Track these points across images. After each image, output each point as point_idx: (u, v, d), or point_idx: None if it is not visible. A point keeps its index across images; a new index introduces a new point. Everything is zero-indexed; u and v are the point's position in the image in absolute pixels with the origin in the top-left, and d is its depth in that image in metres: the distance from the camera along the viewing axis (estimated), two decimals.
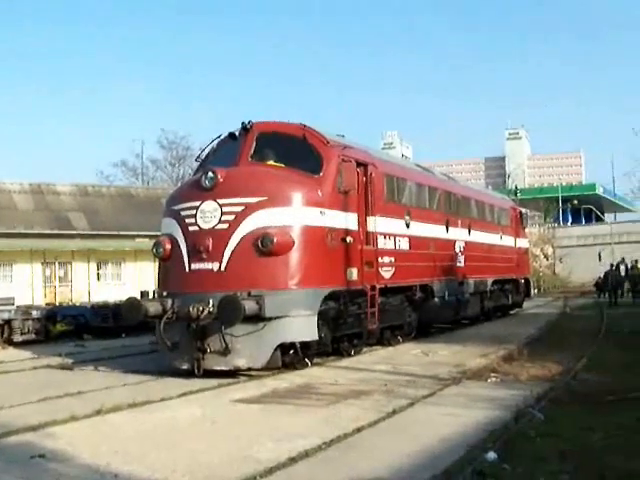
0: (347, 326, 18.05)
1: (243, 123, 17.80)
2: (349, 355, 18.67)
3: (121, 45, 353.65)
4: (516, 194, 66.15)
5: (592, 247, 64.25)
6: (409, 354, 19.43)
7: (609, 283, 43.25)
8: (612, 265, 44.77)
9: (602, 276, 45.29)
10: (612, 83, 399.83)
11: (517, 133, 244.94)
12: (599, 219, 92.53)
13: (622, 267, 47.63)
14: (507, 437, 9.59)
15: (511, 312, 34.31)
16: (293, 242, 15.96)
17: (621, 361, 16.78)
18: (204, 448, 9.55)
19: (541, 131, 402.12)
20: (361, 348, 19.39)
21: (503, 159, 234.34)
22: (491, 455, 8.54)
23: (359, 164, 18.47)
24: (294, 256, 16.03)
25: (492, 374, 15.39)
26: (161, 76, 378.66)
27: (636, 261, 45.14)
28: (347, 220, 17.62)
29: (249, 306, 14.89)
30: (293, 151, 17.65)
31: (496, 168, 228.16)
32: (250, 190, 16.17)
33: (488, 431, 10.03)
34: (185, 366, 15.73)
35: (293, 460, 8.71)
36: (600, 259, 48.58)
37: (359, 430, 10.37)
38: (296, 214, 16.27)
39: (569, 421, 10.56)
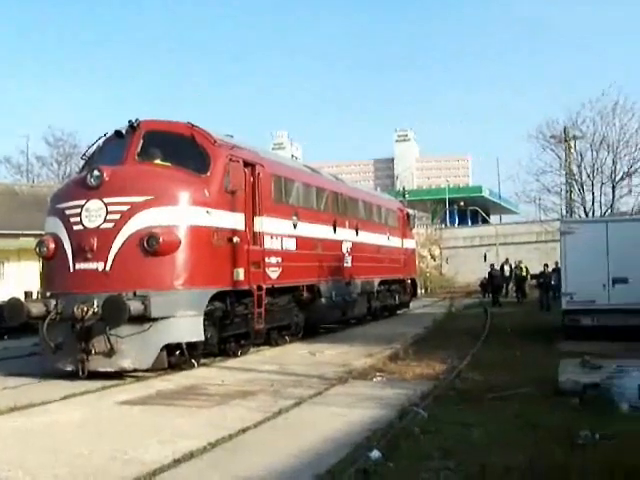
0: (234, 326, 18.01)
1: (130, 121, 17.54)
2: (236, 355, 18.62)
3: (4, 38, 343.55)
4: (404, 195, 66.99)
5: (478, 248, 65.45)
6: (296, 354, 19.49)
7: (492, 283, 44.16)
8: (492, 266, 45.63)
9: (487, 276, 46.20)
10: (497, 89, 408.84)
11: (406, 135, 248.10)
12: (485, 221, 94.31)
13: (506, 267, 48.78)
14: (391, 435, 9.70)
15: (398, 312, 34.70)
16: (179, 242, 15.82)
17: (503, 359, 17.18)
18: (87, 451, 9.37)
19: (430, 134, 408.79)
20: (248, 348, 19.36)
21: (392, 161, 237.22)
22: (375, 454, 8.61)
23: (247, 164, 18.44)
24: (180, 256, 15.90)
25: (378, 373, 15.56)
26: (48, 71, 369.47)
27: (520, 262, 46.26)
28: (234, 220, 17.58)
29: (134, 306, 14.68)
30: (180, 150, 17.50)
31: (385, 170, 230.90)
32: (136, 189, 15.95)
33: (372, 430, 10.14)
34: (69, 368, 15.41)
35: (178, 462, 8.65)
36: (485, 260, 49.56)
37: (244, 431, 10.36)
38: (182, 214, 16.13)
39: (452, 418, 10.74)
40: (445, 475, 7.90)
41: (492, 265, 45.72)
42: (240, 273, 17.56)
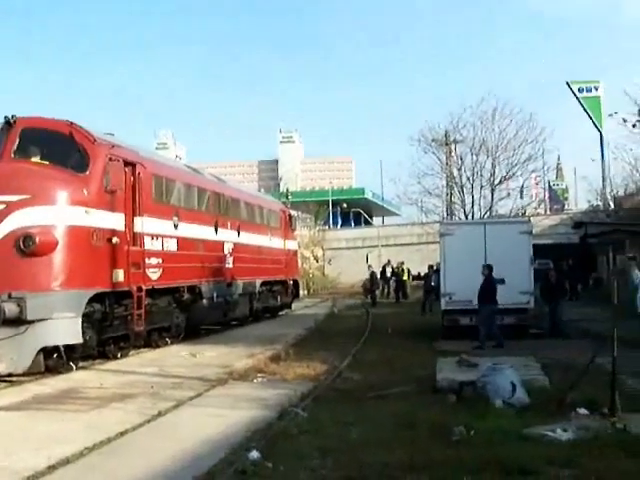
0: (113, 328, 17.72)
1: (6, 117, 17.08)
2: (116, 358, 18.35)
3: None
4: (287, 197, 67.12)
5: (361, 249, 66.01)
6: (177, 356, 19.33)
7: (372, 284, 44.45)
8: (370, 267, 45.93)
9: (368, 277, 46.56)
10: (379, 92, 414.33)
11: (290, 137, 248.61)
12: (368, 222, 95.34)
13: (388, 269, 49.45)
14: (270, 436, 9.74)
15: (280, 313, 34.76)
16: (56, 242, 15.49)
17: (383, 359, 17.46)
18: None
19: (314, 136, 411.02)
20: (128, 350, 19.09)
21: (276, 162, 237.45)
22: (254, 454, 8.64)
23: (127, 163, 18.20)
24: (57, 257, 15.58)
25: (259, 374, 15.59)
26: None
27: (401, 263, 46.92)
28: (114, 220, 17.33)
29: (9, 308, 14.32)
30: (59, 148, 17.14)
31: (269, 171, 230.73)
32: (12, 188, 15.55)
33: (252, 431, 10.17)
34: None
35: (53, 468, 8.49)
36: (368, 261, 50.08)
37: (123, 434, 10.25)
38: (60, 213, 15.81)
39: (331, 418, 10.84)
40: (323, 474, 7.96)
41: (371, 266, 46.10)
42: (120, 274, 17.31)
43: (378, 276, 46.88)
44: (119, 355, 18.54)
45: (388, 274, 49.38)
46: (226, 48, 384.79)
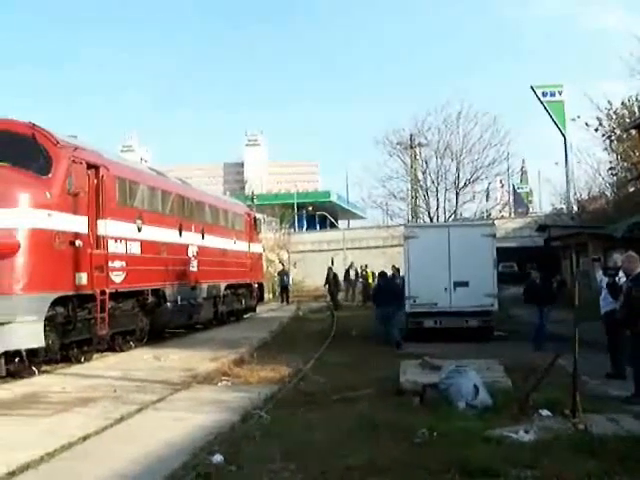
0: (76, 332, 17.56)
1: None
2: (79, 362, 18.21)
3: None
4: (252, 200, 67.02)
5: (326, 252, 66.04)
6: (141, 359, 19.21)
7: (332, 285, 44.09)
8: (330, 269, 45.64)
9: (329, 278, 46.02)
10: (345, 94, 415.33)
11: (256, 140, 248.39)
12: (333, 225, 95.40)
13: (352, 272, 49.47)
14: (233, 439, 9.75)
15: (245, 316, 34.64)
16: (18, 245, 15.36)
17: (347, 362, 17.52)
18: None
19: (280, 139, 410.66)
20: (91, 354, 18.95)
21: (242, 165, 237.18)
22: (217, 457, 8.65)
23: (90, 166, 18.10)
24: (19, 260, 15.44)
25: (223, 378, 15.56)
26: None
27: (366, 265, 46.96)
28: (77, 223, 17.22)
29: None
30: (21, 150, 16.97)
31: (235, 174, 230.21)
32: None
33: (215, 434, 10.16)
34: None
35: (12, 474, 8.39)
36: (333, 264, 50.07)
37: (85, 438, 10.18)
38: (22, 216, 15.68)
39: (294, 421, 10.87)
40: (286, 477, 7.96)
41: (330, 268, 45.79)
42: (83, 277, 17.20)
43: (341, 278, 46.75)
44: (82, 359, 18.40)
45: (352, 276, 49.37)
46: (191, 49, 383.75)
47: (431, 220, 47.65)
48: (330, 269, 44.38)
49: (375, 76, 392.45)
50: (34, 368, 16.25)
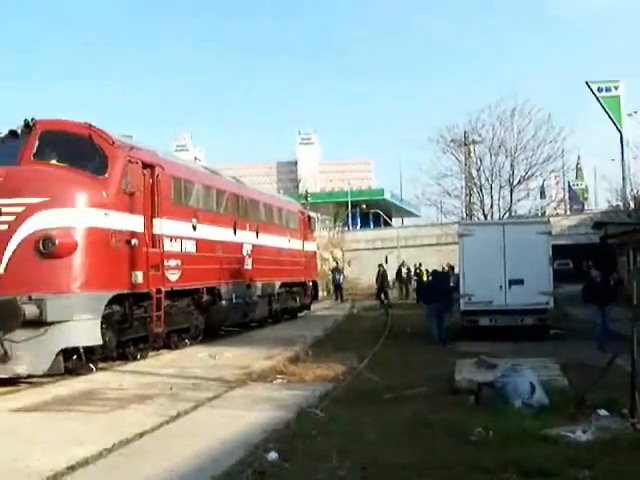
0: (132, 330, 17.77)
1: (26, 120, 17.18)
2: (135, 359, 18.41)
3: None
4: (306, 198, 67.15)
5: (380, 251, 65.82)
6: (196, 357, 19.34)
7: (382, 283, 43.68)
8: (380, 266, 45.30)
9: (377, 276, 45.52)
10: (398, 91, 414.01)
11: (309, 138, 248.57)
12: (387, 223, 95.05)
13: (403, 270, 49.28)
14: (288, 437, 9.76)
15: (299, 314, 34.75)
16: (76, 244, 15.56)
17: (402, 360, 17.46)
18: None
19: (333, 137, 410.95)
20: (147, 352, 19.14)
21: (295, 164, 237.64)
22: (272, 455, 8.66)
23: (146, 165, 18.27)
24: (77, 259, 15.64)
25: (278, 375, 15.59)
26: None
27: (420, 264, 46.76)
28: (133, 222, 17.40)
29: (29, 310, 14.39)
30: (78, 151, 17.21)
31: (288, 172, 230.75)
32: (32, 190, 15.61)
33: (270, 431, 10.18)
34: None
35: (72, 468, 8.51)
36: (387, 262, 49.89)
37: (142, 435, 10.27)
38: (79, 215, 15.88)
39: (349, 419, 10.85)
40: (341, 475, 7.96)
41: (381, 267, 45.47)
42: (139, 276, 17.36)
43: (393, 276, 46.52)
44: (138, 357, 18.61)
45: (404, 275, 49.18)
46: (244, 50, 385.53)
47: (485, 218, 47.22)
48: (380, 267, 44.19)
49: (428, 73, 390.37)
50: (91, 365, 16.46)
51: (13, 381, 15.06)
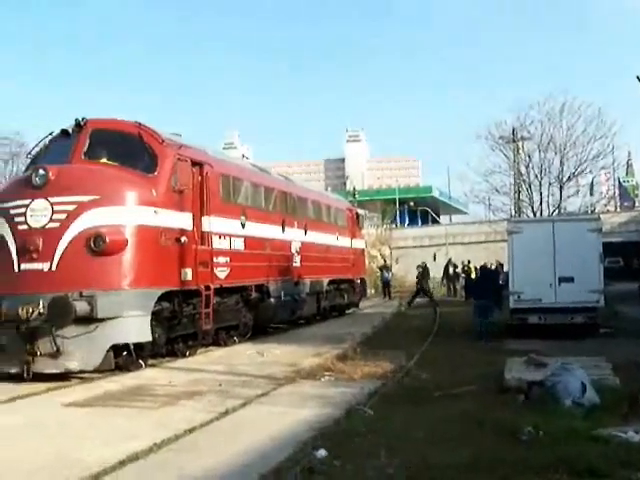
0: (182, 327, 17.92)
1: (77, 119, 17.37)
2: (184, 356, 18.51)
3: None
4: (354, 196, 67.06)
5: (428, 248, 65.70)
6: (244, 354, 19.40)
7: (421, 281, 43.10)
8: (419, 266, 44.85)
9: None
10: (446, 89, 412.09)
11: (357, 136, 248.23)
12: (435, 221, 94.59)
13: (451, 267, 49.04)
14: (337, 434, 9.75)
15: (347, 312, 34.71)
16: (126, 242, 15.72)
17: (450, 358, 17.36)
18: (30, 454, 9.28)
19: (381, 134, 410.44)
20: (196, 349, 19.25)
21: (343, 161, 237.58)
22: (321, 452, 8.66)
23: (195, 163, 18.38)
24: (127, 256, 15.79)
25: (326, 373, 15.58)
26: None
27: (469, 261, 46.50)
28: (182, 220, 17.51)
29: (80, 307, 14.56)
30: (128, 149, 17.38)
31: (335, 170, 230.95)
32: (82, 189, 15.80)
33: (319, 429, 10.17)
34: (14, 370, 15.12)
35: (122, 463, 8.58)
36: (435, 260, 49.77)
37: (191, 431, 10.33)
38: (129, 213, 16.03)
39: (398, 417, 10.82)
40: (390, 473, 7.94)
41: (419, 266, 45.01)
42: (188, 273, 17.47)
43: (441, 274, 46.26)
44: (187, 353, 18.71)
45: (451, 272, 48.94)
46: (291, 50, 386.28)
47: (534, 215, 46.93)
48: (418, 267, 43.79)
49: (477, 68, 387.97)
50: (141, 362, 16.60)
51: (65, 376, 15.24)
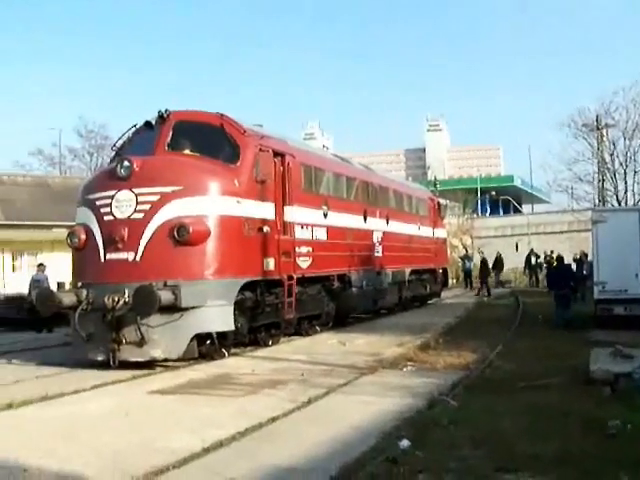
0: (264, 316, 18.00)
1: (160, 112, 17.57)
2: (266, 345, 18.64)
3: (35, 30, 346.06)
4: (435, 185, 66.61)
5: (510, 238, 65.12)
6: (326, 344, 19.46)
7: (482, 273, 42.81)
8: (481, 253, 43.98)
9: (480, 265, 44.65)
10: (528, 79, 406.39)
11: (437, 125, 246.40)
12: (517, 210, 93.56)
13: (533, 257, 48.42)
14: (420, 425, 9.71)
15: (429, 302, 34.56)
16: (209, 232, 15.85)
17: (534, 348, 17.17)
18: (117, 439, 9.44)
19: (461, 122, 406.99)
20: (279, 338, 19.37)
21: (423, 150, 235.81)
22: (404, 442, 8.61)
23: (276, 154, 18.44)
24: (210, 246, 15.92)
25: (408, 363, 15.53)
26: (79, 63, 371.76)
27: (552, 251, 45.85)
28: (264, 210, 17.60)
29: (165, 296, 14.73)
30: (210, 140, 17.53)
31: (416, 159, 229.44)
32: (166, 179, 15.98)
33: (402, 419, 10.13)
34: (100, 357, 15.47)
35: (207, 450, 8.69)
36: (517, 249, 49.22)
37: (274, 420, 10.38)
38: (212, 204, 16.17)
39: (481, 408, 10.72)
40: (474, 464, 7.87)
41: (481, 252, 44.34)
42: (270, 263, 17.56)
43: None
44: (270, 342, 18.83)
45: (533, 262, 48.35)
46: (371, 39, 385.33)
47: (619, 204, 45.97)
48: (482, 253, 43.37)
49: (560, 57, 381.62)
50: (224, 350, 16.79)
51: (149, 364, 15.49)
